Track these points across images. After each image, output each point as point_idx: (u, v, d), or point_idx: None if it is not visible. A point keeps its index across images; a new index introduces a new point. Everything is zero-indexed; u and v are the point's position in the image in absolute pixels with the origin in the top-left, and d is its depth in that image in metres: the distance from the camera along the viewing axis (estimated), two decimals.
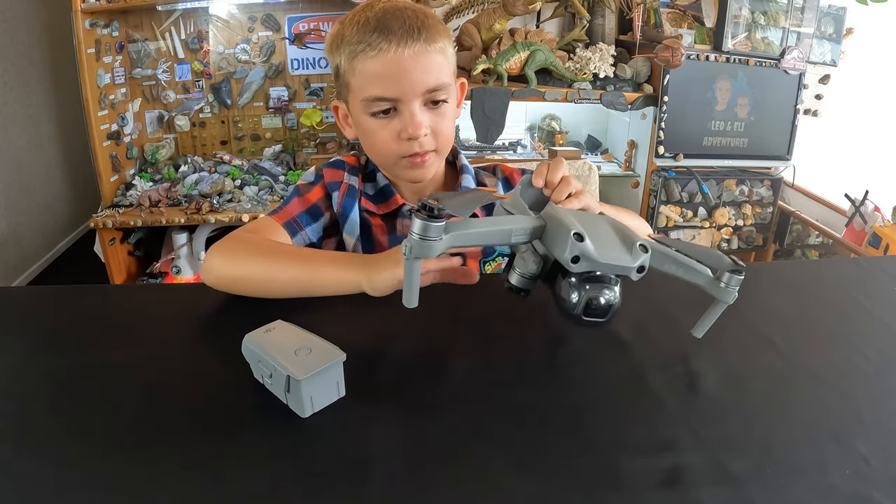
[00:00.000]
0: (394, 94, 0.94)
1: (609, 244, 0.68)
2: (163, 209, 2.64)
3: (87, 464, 0.58)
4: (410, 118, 0.94)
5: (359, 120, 0.99)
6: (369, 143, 1.01)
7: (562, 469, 0.58)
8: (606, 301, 0.69)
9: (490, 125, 2.57)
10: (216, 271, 0.89)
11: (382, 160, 1.03)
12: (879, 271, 1.04)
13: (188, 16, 2.88)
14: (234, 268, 0.89)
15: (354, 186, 1.07)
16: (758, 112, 2.79)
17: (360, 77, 0.95)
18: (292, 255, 0.91)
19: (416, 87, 0.94)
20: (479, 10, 2.70)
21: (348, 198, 1.06)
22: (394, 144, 0.97)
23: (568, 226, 0.66)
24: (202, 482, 0.56)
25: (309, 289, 0.86)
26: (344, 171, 1.08)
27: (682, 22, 2.75)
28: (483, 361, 0.75)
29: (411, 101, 0.94)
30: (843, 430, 0.64)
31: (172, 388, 0.69)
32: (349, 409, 0.65)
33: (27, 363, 0.74)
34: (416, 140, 0.96)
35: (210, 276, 0.89)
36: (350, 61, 0.94)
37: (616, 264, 0.67)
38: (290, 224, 1.02)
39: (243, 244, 0.93)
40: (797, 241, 2.92)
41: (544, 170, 0.82)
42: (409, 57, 0.92)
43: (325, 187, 1.07)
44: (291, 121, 3.07)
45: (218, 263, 0.89)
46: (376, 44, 0.92)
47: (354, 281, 0.82)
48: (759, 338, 0.82)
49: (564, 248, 0.66)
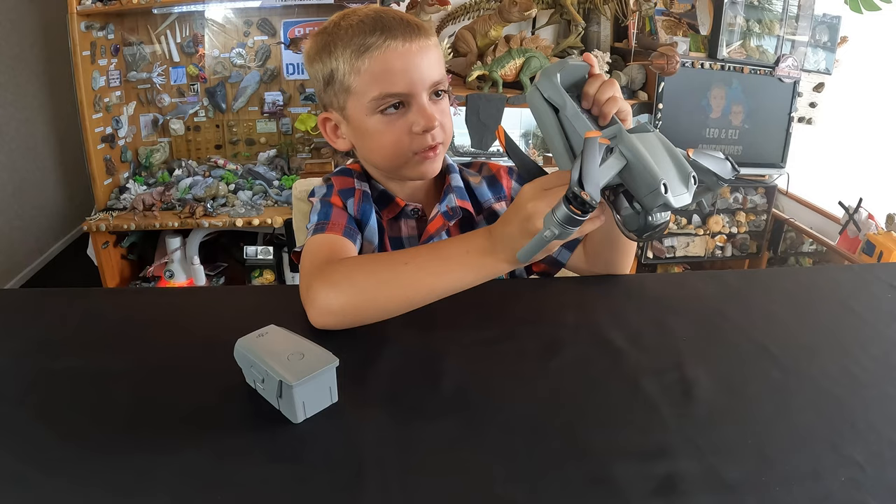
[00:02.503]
0: (405, 89, 0.94)
1: (675, 182, 0.67)
2: (156, 213, 2.63)
3: (78, 468, 0.57)
4: (423, 111, 0.95)
5: (362, 123, 0.98)
6: (376, 146, 1.00)
7: (556, 476, 0.58)
8: (664, 225, 0.70)
9: (484, 131, 2.57)
10: (331, 306, 0.80)
11: (391, 160, 1.01)
12: (874, 278, 1.04)
13: (184, 19, 2.88)
14: (352, 294, 0.81)
15: (368, 192, 1.06)
16: (752, 120, 2.80)
17: (366, 76, 0.94)
18: (405, 259, 0.83)
19: (424, 80, 0.95)
20: (474, 17, 2.71)
21: (365, 203, 1.04)
22: (406, 140, 0.96)
23: (655, 175, 0.65)
24: (193, 488, 0.55)
25: (440, 287, 0.81)
26: (353, 179, 1.07)
27: (677, 30, 2.76)
28: (477, 368, 0.75)
29: (421, 95, 0.95)
30: (839, 437, 0.64)
31: (164, 392, 0.69)
32: (342, 415, 0.65)
33: (19, 366, 0.74)
34: (430, 133, 0.96)
35: (325, 316, 0.80)
36: (352, 62, 0.94)
37: (684, 206, 0.68)
38: (348, 232, 0.97)
39: (342, 267, 0.84)
40: (791, 248, 2.93)
41: (596, 84, 0.79)
42: (416, 51, 0.93)
43: (339, 195, 1.04)
44: (286, 125, 3.06)
45: (330, 297, 0.80)
46: (382, 42, 0.92)
47: (491, 265, 0.79)
48: (753, 345, 0.82)
49: (653, 198, 0.65)
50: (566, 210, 0.62)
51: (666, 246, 2.91)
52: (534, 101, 0.78)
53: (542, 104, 0.77)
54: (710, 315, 0.90)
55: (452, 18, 2.78)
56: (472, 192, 1.10)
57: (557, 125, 0.77)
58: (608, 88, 0.78)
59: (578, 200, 0.61)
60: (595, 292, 0.97)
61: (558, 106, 0.76)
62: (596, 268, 1.05)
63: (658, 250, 2.90)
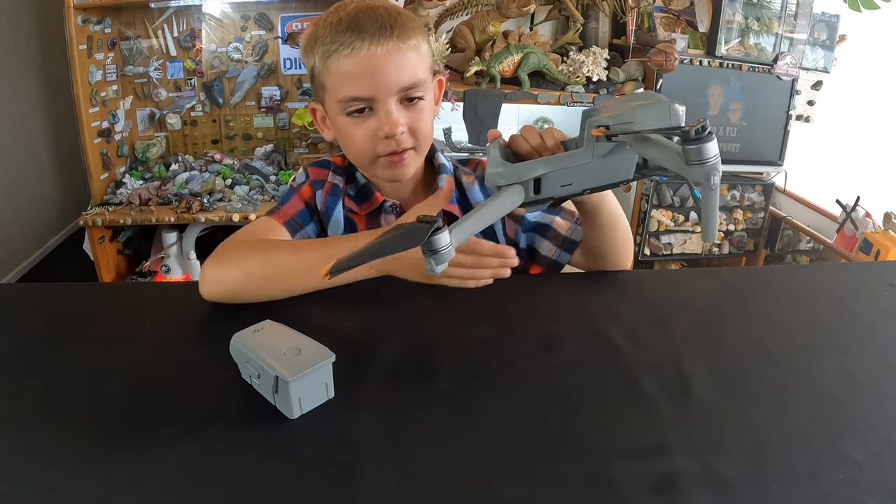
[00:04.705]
0: (368, 93, 0.93)
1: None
2: (153, 208, 2.62)
3: (74, 462, 0.57)
4: (386, 116, 0.93)
5: (335, 121, 0.99)
6: (347, 144, 1.01)
7: (553, 474, 0.57)
8: None
9: (482, 127, 2.56)
10: (217, 279, 0.86)
11: (360, 160, 1.02)
12: (872, 277, 1.04)
13: (181, 14, 2.86)
14: (237, 271, 0.87)
15: (339, 186, 1.06)
16: (750, 117, 2.80)
17: (335, 77, 0.94)
18: (304, 246, 0.92)
19: (390, 85, 0.93)
20: (472, 13, 2.70)
21: (331, 196, 1.05)
22: (371, 144, 0.96)
23: (668, 99, 0.67)
24: (189, 483, 0.55)
25: (312, 283, 0.86)
26: (329, 171, 1.08)
27: (676, 26, 2.76)
28: (473, 365, 0.74)
29: (386, 100, 0.93)
30: (837, 435, 0.64)
31: (159, 387, 0.68)
32: (338, 411, 0.65)
33: (14, 360, 0.73)
34: (394, 138, 0.95)
35: (212, 288, 0.86)
36: (324, 62, 0.93)
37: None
38: (290, 223, 1.01)
39: (244, 246, 0.92)
40: (788, 246, 2.93)
41: (536, 138, 0.82)
42: (382, 55, 0.91)
43: (311, 185, 1.06)
44: (283, 120, 3.05)
45: (217, 271, 0.87)
46: (349, 43, 0.91)
47: (365, 270, 0.83)
48: (752, 343, 0.82)
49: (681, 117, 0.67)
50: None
51: (663, 243, 2.90)
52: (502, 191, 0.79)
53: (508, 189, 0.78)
54: (708, 312, 0.90)
55: (451, 14, 2.77)
56: (464, 193, 1.10)
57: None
58: (531, 136, 0.82)
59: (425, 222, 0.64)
60: (593, 289, 0.97)
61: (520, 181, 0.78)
62: (596, 266, 1.04)
63: (655, 247, 2.90)
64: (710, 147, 0.62)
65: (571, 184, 0.76)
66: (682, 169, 0.63)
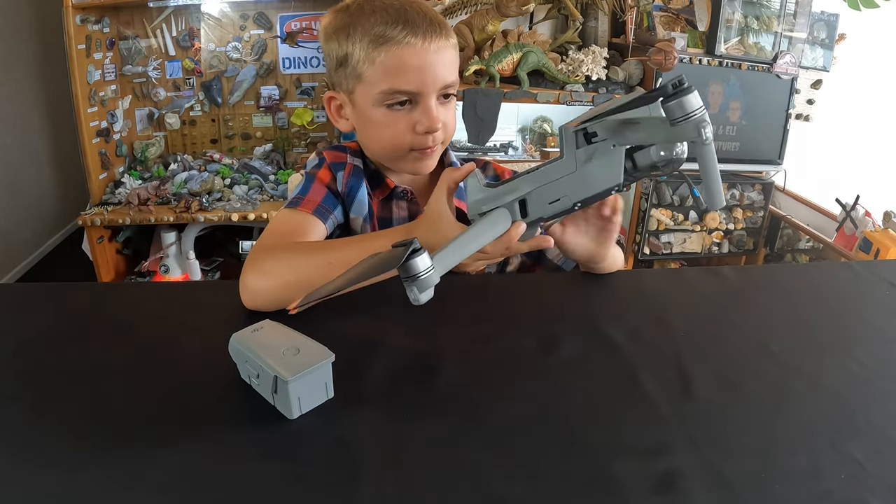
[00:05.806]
0: (415, 88, 0.93)
1: None
2: (152, 207, 2.62)
3: (73, 463, 0.56)
4: (428, 112, 0.94)
5: (366, 112, 0.98)
6: (376, 135, 1.00)
7: (555, 473, 0.57)
8: None
9: (481, 126, 2.56)
10: (263, 289, 0.84)
11: (389, 152, 1.01)
12: (872, 275, 1.03)
13: (180, 13, 2.86)
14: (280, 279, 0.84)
15: (360, 167, 1.06)
16: (749, 116, 2.79)
17: (381, 68, 0.93)
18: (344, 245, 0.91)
19: (436, 82, 0.94)
20: (472, 11, 2.70)
21: (354, 178, 1.04)
22: (408, 137, 0.96)
23: None
24: (189, 483, 0.55)
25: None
26: (346, 154, 1.07)
27: (675, 25, 2.76)
28: (474, 364, 0.74)
29: (430, 96, 0.94)
30: (838, 434, 0.63)
31: (158, 387, 0.68)
32: (337, 411, 0.64)
33: (13, 360, 0.73)
34: (431, 134, 0.96)
35: (257, 298, 0.84)
36: (369, 51, 0.93)
37: None
38: (319, 210, 0.99)
39: (285, 252, 0.89)
40: (788, 245, 2.93)
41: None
42: (434, 51, 0.92)
43: (329, 168, 1.05)
44: (282, 120, 3.05)
45: (261, 282, 0.84)
46: (402, 36, 0.91)
47: None
48: (752, 342, 0.82)
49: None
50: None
51: (662, 242, 2.90)
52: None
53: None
54: (709, 311, 0.90)
55: (450, 13, 2.77)
56: None
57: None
58: None
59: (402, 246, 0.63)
60: (593, 288, 0.97)
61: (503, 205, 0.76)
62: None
63: (655, 246, 2.90)
64: (691, 98, 0.60)
65: (559, 199, 0.73)
66: (671, 134, 0.62)
